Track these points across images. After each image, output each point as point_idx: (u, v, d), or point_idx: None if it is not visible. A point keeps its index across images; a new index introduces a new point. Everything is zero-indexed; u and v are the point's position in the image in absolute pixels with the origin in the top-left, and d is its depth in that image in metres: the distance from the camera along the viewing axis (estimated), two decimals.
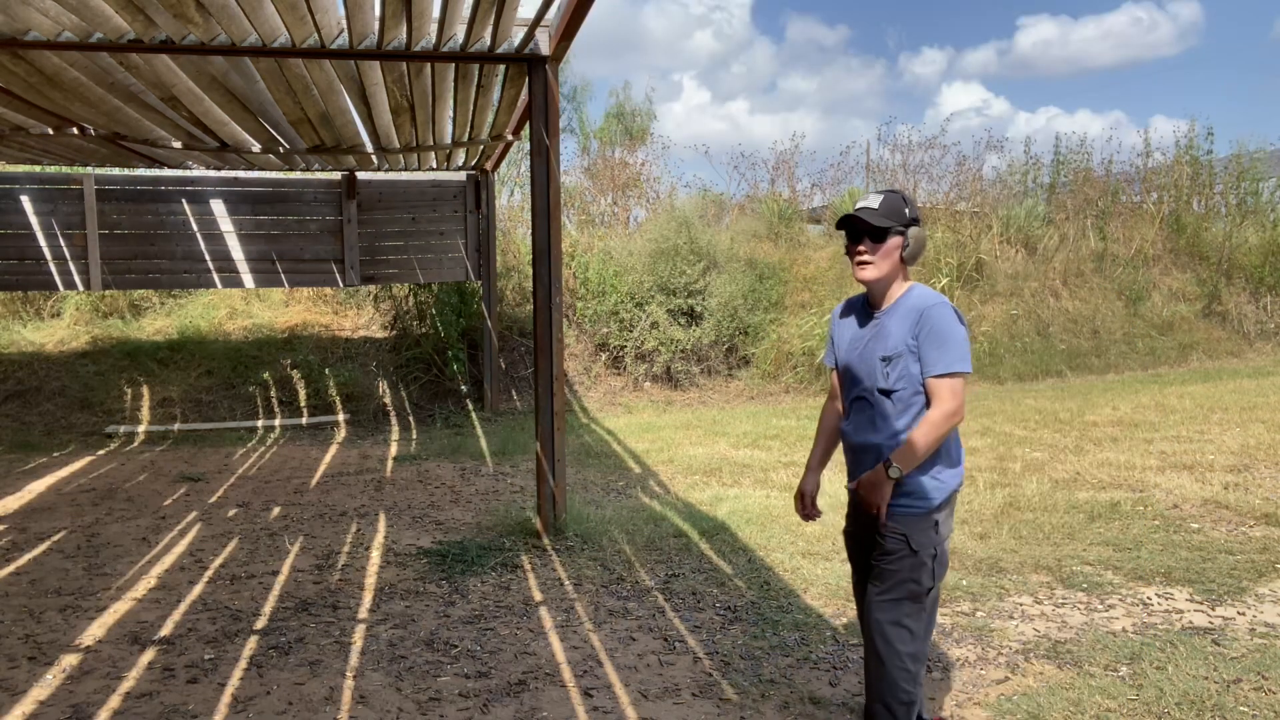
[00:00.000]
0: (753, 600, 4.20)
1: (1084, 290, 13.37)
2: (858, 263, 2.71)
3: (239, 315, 10.97)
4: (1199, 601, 4.10)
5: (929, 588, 2.65)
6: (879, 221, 2.66)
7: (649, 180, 14.59)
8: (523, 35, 4.97)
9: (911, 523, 2.65)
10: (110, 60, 5.19)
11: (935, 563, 2.65)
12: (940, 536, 2.66)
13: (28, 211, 8.94)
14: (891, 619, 2.67)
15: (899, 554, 2.66)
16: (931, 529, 2.64)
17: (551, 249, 5.17)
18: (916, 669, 2.67)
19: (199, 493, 6.54)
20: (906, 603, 2.66)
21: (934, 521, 2.64)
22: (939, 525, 2.65)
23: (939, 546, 2.66)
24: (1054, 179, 15.33)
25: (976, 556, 4.75)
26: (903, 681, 2.66)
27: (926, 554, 2.63)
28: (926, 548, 2.63)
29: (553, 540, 5.16)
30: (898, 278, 2.72)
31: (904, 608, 2.66)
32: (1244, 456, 6.79)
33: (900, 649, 2.65)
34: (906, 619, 2.66)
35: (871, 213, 2.67)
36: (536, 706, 3.21)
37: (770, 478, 6.62)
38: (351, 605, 4.23)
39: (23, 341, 10.08)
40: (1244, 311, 13.94)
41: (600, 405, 10.40)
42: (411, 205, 9.99)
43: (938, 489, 2.64)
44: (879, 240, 2.68)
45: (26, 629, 3.95)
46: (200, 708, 3.22)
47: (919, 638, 2.67)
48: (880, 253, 2.68)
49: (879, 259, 2.68)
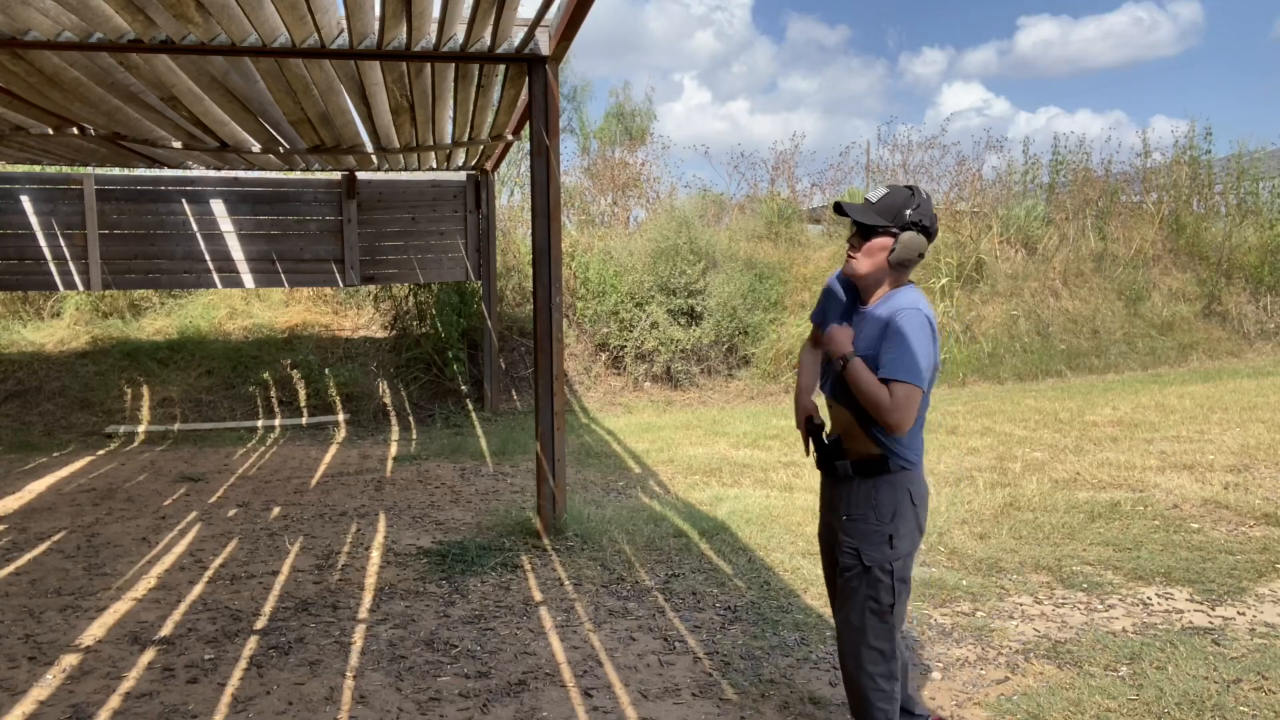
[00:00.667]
0: (753, 600, 4.20)
1: (1084, 290, 13.36)
2: (848, 255, 2.64)
3: (239, 315, 10.97)
4: (1199, 601, 4.10)
5: (890, 604, 2.59)
6: (866, 218, 2.55)
7: (649, 180, 14.60)
8: (523, 35, 4.97)
9: (864, 536, 2.60)
10: (110, 60, 5.19)
11: (894, 579, 2.58)
12: (896, 552, 2.58)
13: (28, 211, 8.94)
14: (861, 643, 2.64)
15: (854, 569, 2.62)
16: (885, 544, 2.58)
17: (551, 249, 5.17)
18: (890, 687, 2.64)
19: (199, 493, 6.54)
20: (873, 623, 2.61)
21: (886, 536, 2.58)
22: (893, 540, 2.58)
23: (894, 563, 2.58)
24: (1053, 179, 15.33)
25: (976, 556, 4.75)
26: (878, 701, 2.64)
27: (881, 570, 2.57)
28: (880, 563, 2.57)
29: (553, 540, 5.16)
30: (885, 279, 2.60)
31: (870, 630, 2.61)
32: (1244, 456, 6.79)
33: (872, 670, 2.63)
34: (875, 641, 2.61)
35: (863, 207, 2.57)
36: (536, 706, 3.21)
37: (770, 478, 6.62)
38: (351, 605, 4.23)
39: (23, 341, 10.08)
40: (1244, 311, 13.94)
41: (600, 405, 10.40)
42: (411, 205, 9.99)
43: (890, 500, 2.58)
44: (866, 237, 2.57)
45: (26, 629, 3.95)
46: (200, 708, 3.22)
47: (889, 657, 2.63)
48: (865, 250, 2.58)
49: (863, 256, 2.58)
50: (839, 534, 2.68)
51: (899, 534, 2.59)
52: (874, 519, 2.59)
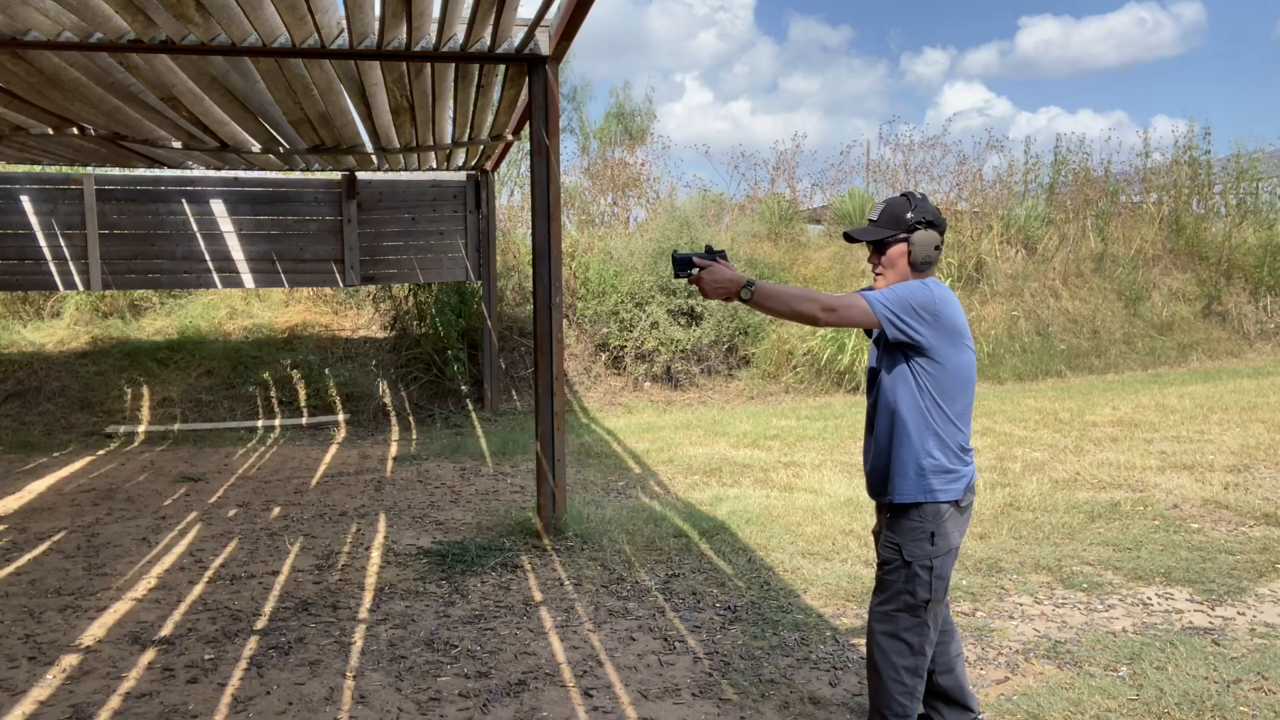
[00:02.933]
0: (753, 600, 4.20)
1: (1084, 290, 13.36)
2: (873, 275, 2.75)
3: (239, 315, 10.97)
4: (1199, 601, 4.10)
5: (925, 600, 2.61)
6: (875, 235, 2.67)
7: (649, 180, 14.60)
8: (523, 35, 4.97)
9: (905, 532, 2.63)
10: (110, 60, 5.19)
11: (932, 576, 2.60)
12: (936, 549, 2.61)
13: (28, 211, 8.94)
14: (888, 631, 2.66)
15: (893, 564, 2.65)
16: (925, 540, 2.60)
17: (551, 249, 5.17)
18: (914, 683, 2.64)
19: (199, 493, 6.54)
20: (904, 615, 2.63)
21: (928, 533, 2.60)
22: (934, 537, 2.60)
23: (934, 560, 2.61)
24: (1054, 179, 15.33)
25: (976, 556, 4.76)
26: (898, 695, 2.64)
27: (920, 565, 2.60)
28: (920, 559, 2.60)
29: (553, 540, 5.16)
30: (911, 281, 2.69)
31: (901, 620, 2.64)
32: (1244, 456, 6.79)
33: (896, 661, 2.63)
34: (904, 633, 2.63)
35: (868, 228, 2.69)
36: (536, 706, 3.21)
37: (770, 478, 6.62)
38: (351, 605, 4.23)
39: (23, 341, 10.08)
40: (1244, 311, 13.94)
41: (600, 405, 10.40)
42: (411, 205, 9.99)
43: (929, 497, 2.60)
44: (881, 251, 2.69)
45: (26, 629, 3.95)
46: (200, 708, 3.22)
47: (917, 652, 2.63)
48: (884, 263, 2.69)
49: (885, 269, 2.70)
50: (883, 529, 2.74)
51: (939, 530, 2.62)
52: (916, 516, 2.62)
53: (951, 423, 2.62)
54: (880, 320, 2.55)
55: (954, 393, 2.61)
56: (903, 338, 2.56)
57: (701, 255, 2.69)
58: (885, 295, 2.57)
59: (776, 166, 15.15)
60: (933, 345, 2.57)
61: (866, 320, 2.56)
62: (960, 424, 2.64)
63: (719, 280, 2.61)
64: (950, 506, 2.62)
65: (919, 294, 2.57)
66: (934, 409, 2.60)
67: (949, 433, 2.62)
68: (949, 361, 2.59)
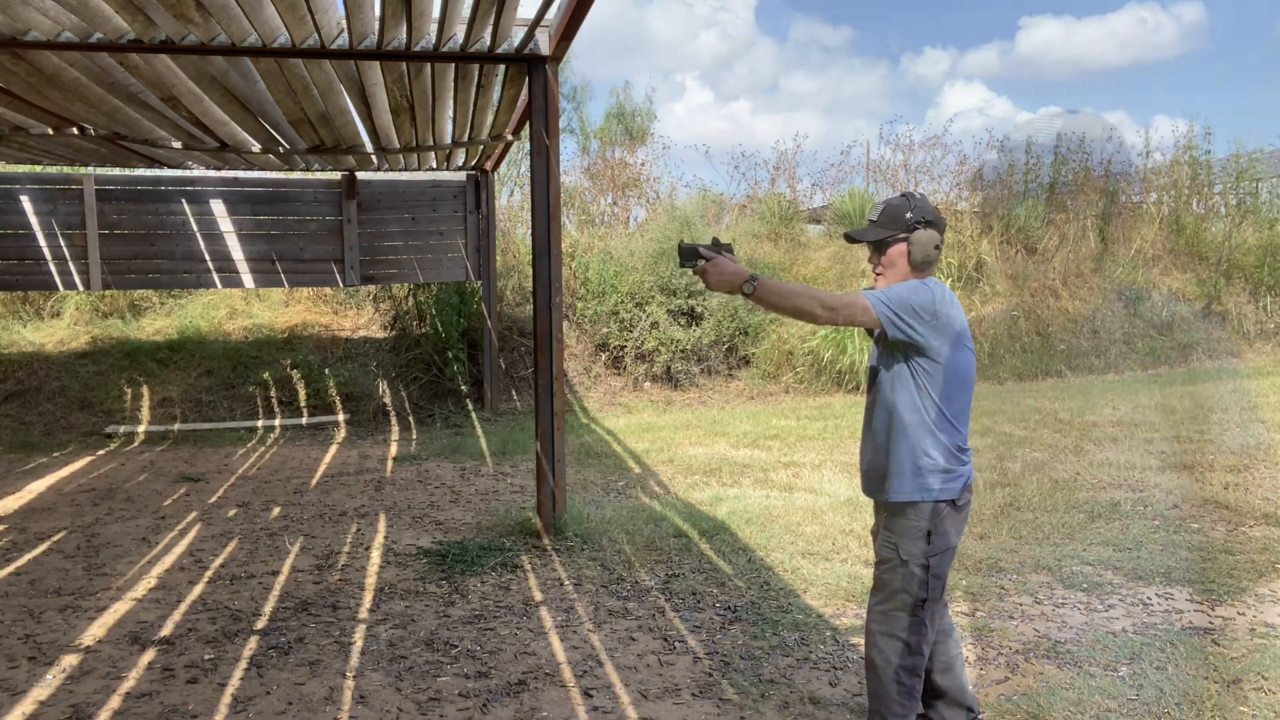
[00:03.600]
0: (753, 600, 4.20)
1: (1084, 290, 13.36)
2: (874, 275, 2.76)
3: (239, 315, 10.97)
4: (1199, 601, 4.10)
5: (922, 600, 2.61)
6: (875, 235, 2.68)
7: (649, 180, 14.59)
8: (523, 35, 4.97)
9: (902, 531, 2.64)
10: (110, 60, 5.19)
11: (929, 575, 2.60)
12: (933, 548, 2.61)
13: (28, 211, 8.94)
14: (886, 630, 2.66)
15: (890, 562, 2.66)
16: (922, 539, 2.61)
17: (551, 249, 5.17)
18: (912, 683, 2.64)
19: (199, 493, 6.54)
20: (902, 615, 2.63)
21: (924, 532, 2.61)
22: (931, 536, 2.61)
23: (931, 559, 2.61)
24: (1054, 179, 15.32)
25: (976, 556, 4.76)
26: (897, 694, 2.64)
27: (916, 564, 2.60)
28: (917, 558, 2.61)
29: (553, 540, 5.16)
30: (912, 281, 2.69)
31: (899, 620, 2.64)
32: (1244, 456, 6.79)
33: (894, 660, 2.63)
34: (902, 632, 2.64)
35: (867, 229, 2.70)
36: (536, 706, 3.21)
37: (770, 478, 6.62)
38: (351, 605, 4.23)
39: (23, 341, 10.08)
40: (1244, 311, 13.93)
41: (600, 405, 10.40)
42: (411, 205, 9.99)
43: (926, 496, 2.61)
44: (882, 251, 2.70)
45: (26, 629, 3.95)
46: (200, 708, 3.22)
47: (915, 652, 2.64)
48: (885, 263, 2.70)
49: (886, 269, 2.70)
50: (881, 528, 2.75)
51: (935, 529, 2.62)
52: (913, 514, 2.63)
53: (950, 422, 2.62)
54: (881, 320, 2.55)
55: (953, 393, 2.62)
56: (903, 337, 2.56)
57: (708, 247, 2.70)
58: (886, 295, 2.58)
59: (777, 166, 15.14)
60: (933, 345, 2.58)
61: (867, 319, 2.56)
62: (958, 424, 2.64)
63: (724, 273, 2.62)
64: (947, 506, 2.62)
65: (920, 294, 2.58)
66: (932, 408, 2.61)
67: (947, 432, 2.62)
68: (948, 361, 2.60)
